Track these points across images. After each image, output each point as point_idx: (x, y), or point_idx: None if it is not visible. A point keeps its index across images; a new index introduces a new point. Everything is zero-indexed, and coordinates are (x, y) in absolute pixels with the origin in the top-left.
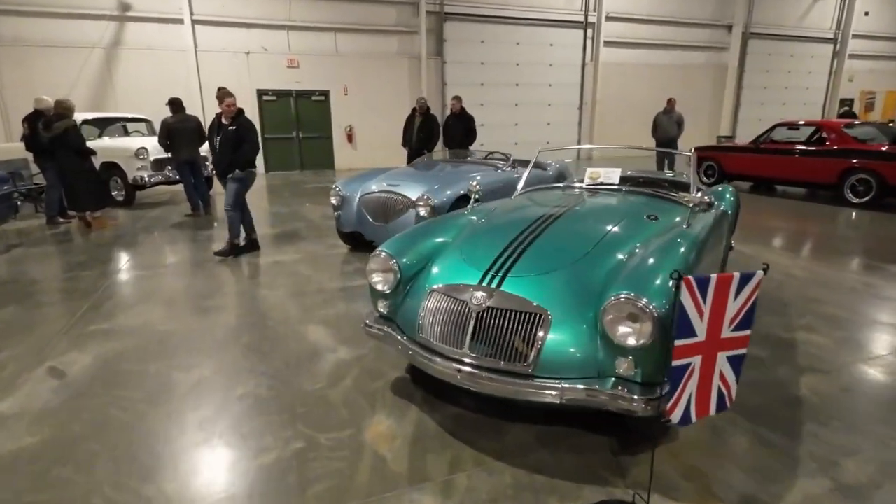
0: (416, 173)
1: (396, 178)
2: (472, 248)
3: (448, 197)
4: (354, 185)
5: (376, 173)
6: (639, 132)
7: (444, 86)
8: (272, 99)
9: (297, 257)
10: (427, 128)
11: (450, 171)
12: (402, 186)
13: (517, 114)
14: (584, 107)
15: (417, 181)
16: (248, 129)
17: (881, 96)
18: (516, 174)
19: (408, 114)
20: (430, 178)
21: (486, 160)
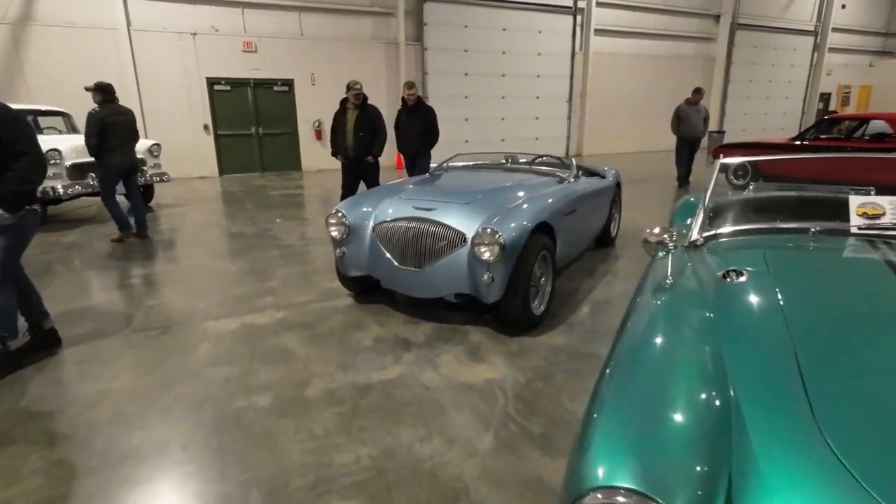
0: (449, 189)
1: (423, 196)
2: None
3: (523, 229)
4: (364, 208)
5: (389, 190)
6: (630, 127)
7: (424, 75)
8: (225, 89)
9: (278, 317)
10: (366, 126)
11: (496, 184)
12: (441, 211)
13: (504, 107)
14: (573, 100)
15: (460, 202)
16: None
17: (855, 91)
18: (584, 187)
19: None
20: (479, 197)
21: (534, 167)
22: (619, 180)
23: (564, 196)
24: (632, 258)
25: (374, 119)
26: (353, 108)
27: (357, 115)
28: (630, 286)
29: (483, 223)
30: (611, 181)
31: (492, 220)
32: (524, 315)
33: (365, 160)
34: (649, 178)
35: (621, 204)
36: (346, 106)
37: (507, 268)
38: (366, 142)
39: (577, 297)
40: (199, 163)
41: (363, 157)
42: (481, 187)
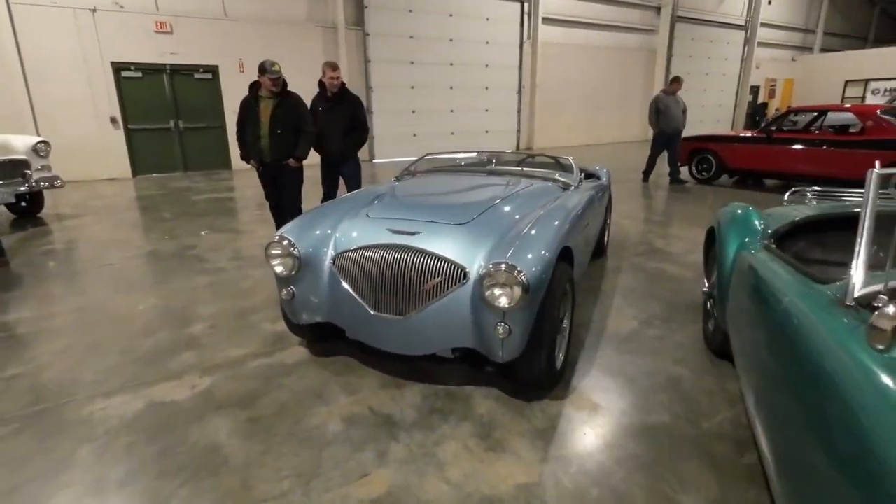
0: (432, 203)
1: (399, 213)
2: None
3: (546, 262)
4: (320, 231)
5: (349, 204)
6: (579, 120)
7: (367, 63)
8: (136, 76)
9: (202, 387)
10: (288, 120)
11: (491, 196)
12: (428, 236)
13: (453, 98)
14: (523, 91)
15: (451, 223)
16: None
17: (780, 84)
18: (589, 193)
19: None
20: (476, 216)
21: (527, 169)
22: (611, 179)
23: (576, 208)
24: (631, 271)
25: (298, 111)
26: (268, 98)
27: (275, 105)
28: (644, 311)
29: (492, 254)
30: (606, 182)
31: (505, 250)
32: (549, 374)
33: (285, 164)
34: (622, 172)
35: (612, 204)
36: (258, 94)
37: (530, 315)
38: (288, 141)
39: (592, 332)
40: (107, 162)
41: (284, 160)
42: (474, 200)
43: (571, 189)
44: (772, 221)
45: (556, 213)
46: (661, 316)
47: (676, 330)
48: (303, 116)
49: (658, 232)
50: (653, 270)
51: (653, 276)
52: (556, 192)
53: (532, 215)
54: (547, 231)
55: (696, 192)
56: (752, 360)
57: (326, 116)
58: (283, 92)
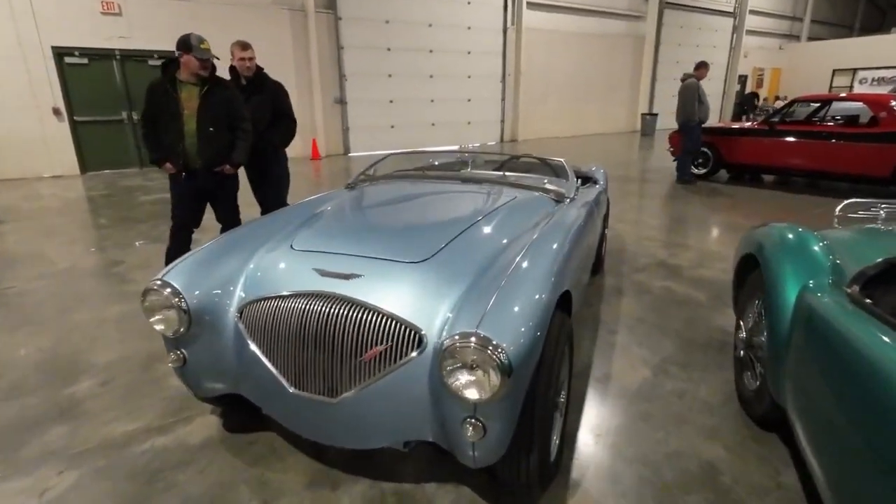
0: (381, 227)
1: (333, 242)
2: None
3: (537, 324)
4: (221, 270)
5: (267, 227)
6: (564, 110)
7: (340, 49)
8: (81, 62)
9: (61, 488)
10: (222, 113)
11: (463, 215)
12: (370, 281)
13: (432, 87)
14: (507, 79)
15: (405, 259)
16: None
17: (768, 73)
18: (586, 205)
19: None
20: (441, 246)
21: (509, 174)
22: (608, 183)
23: (575, 230)
24: (634, 292)
25: (234, 104)
26: (192, 84)
27: (202, 95)
28: (656, 351)
29: (459, 312)
30: (603, 185)
31: (476, 307)
32: (541, 472)
33: (219, 171)
34: (609, 167)
35: (609, 211)
36: (175, 78)
37: (514, 405)
38: (222, 142)
39: (594, 384)
40: (51, 158)
41: (217, 166)
42: (440, 223)
43: (566, 202)
44: (840, 252)
45: (549, 241)
46: (677, 359)
47: (699, 381)
48: (239, 111)
49: (659, 240)
50: (659, 291)
51: (660, 300)
52: (548, 206)
53: (517, 246)
54: (538, 272)
55: (694, 189)
56: (843, 464)
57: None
58: (212, 78)
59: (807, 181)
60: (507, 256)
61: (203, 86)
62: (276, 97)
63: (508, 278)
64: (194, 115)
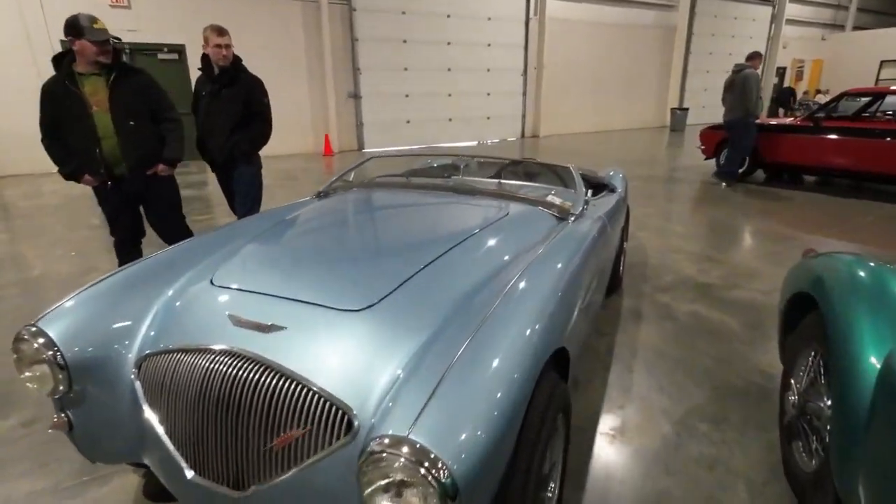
0: (330, 258)
1: (264, 275)
2: None
3: (506, 420)
4: (119, 310)
5: (190, 252)
6: (587, 105)
7: (354, 42)
8: None
9: None
10: (140, 103)
11: (434, 241)
12: (296, 334)
13: (450, 81)
14: (528, 72)
15: (344, 304)
16: None
17: (808, 65)
18: (597, 221)
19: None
20: (394, 286)
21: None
22: (628, 190)
23: (575, 257)
24: (655, 317)
25: (152, 91)
26: (94, 74)
27: (111, 85)
28: (680, 399)
29: (395, 400)
30: (622, 193)
31: (418, 398)
32: None
33: (152, 173)
34: (633, 165)
35: (629, 222)
36: (73, 72)
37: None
38: (148, 137)
39: (600, 442)
40: None
41: (149, 167)
42: (400, 250)
43: (571, 220)
44: None
45: (541, 278)
46: (706, 412)
47: (734, 445)
48: (162, 98)
49: (687, 251)
50: (685, 317)
51: (687, 329)
52: (547, 226)
53: (496, 287)
54: (517, 329)
55: (728, 191)
56: None
57: (211, 104)
58: (119, 65)
59: (850, 183)
60: (477, 305)
61: (109, 74)
62: (251, 94)
63: (474, 341)
64: (106, 110)
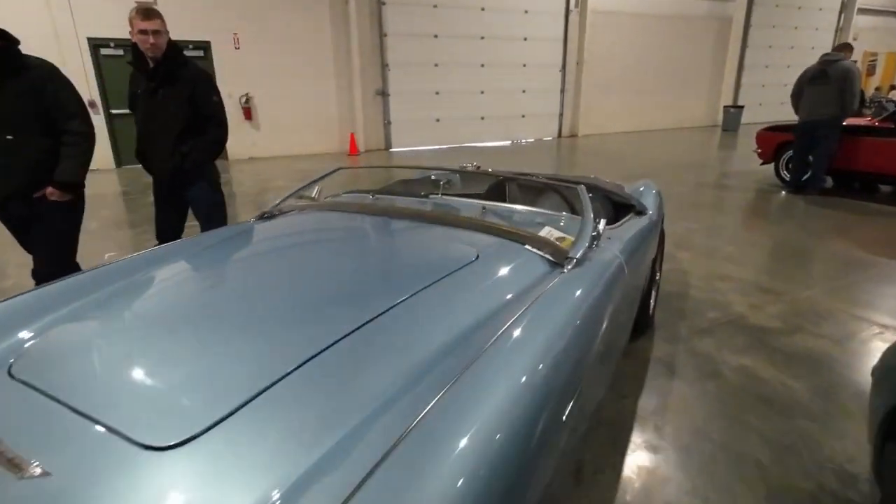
0: (184, 342)
1: (70, 368)
2: None
3: None
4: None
5: (59, 296)
6: (631, 103)
7: (383, 37)
8: (117, 54)
9: None
10: (27, 107)
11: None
12: (68, 485)
13: (484, 78)
14: (567, 68)
15: (148, 438)
16: None
17: (882, 59)
18: (609, 266)
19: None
20: (237, 412)
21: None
22: (663, 210)
23: (569, 327)
24: (693, 374)
25: (48, 88)
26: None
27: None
28: None
29: None
30: (653, 215)
31: None
32: None
33: (39, 197)
34: (678, 169)
35: (663, 251)
36: None
37: None
38: (31, 154)
39: None
40: None
41: (36, 190)
42: (310, 312)
43: (568, 268)
44: None
45: (511, 366)
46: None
47: None
48: (63, 102)
49: (737, 279)
50: (733, 375)
51: (734, 394)
52: (534, 274)
53: (440, 376)
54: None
55: (789, 202)
56: None
57: (148, 105)
58: (7, 55)
59: None
60: (404, 409)
61: None
62: (198, 91)
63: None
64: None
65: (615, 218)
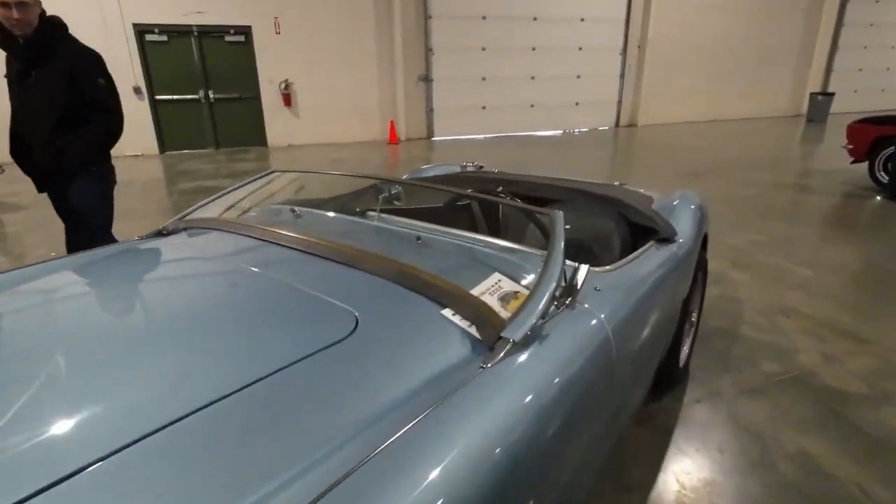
0: None
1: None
2: None
3: None
4: None
5: None
6: (701, 89)
7: (427, 19)
8: (161, 40)
9: None
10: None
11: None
12: None
13: (534, 63)
14: (629, 51)
15: None
16: None
17: None
18: (606, 350)
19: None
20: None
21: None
22: (706, 229)
23: (501, 452)
24: (739, 463)
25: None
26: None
27: None
28: None
29: None
30: (686, 242)
31: None
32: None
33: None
34: (749, 167)
35: (705, 284)
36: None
37: None
38: None
39: None
40: (132, 137)
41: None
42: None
43: (493, 361)
44: None
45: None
46: None
47: None
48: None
49: (807, 314)
50: (791, 470)
51: (794, 496)
52: (451, 359)
53: None
54: None
55: (887, 211)
56: None
57: (21, 91)
58: None
59: None
60: None
61: None
62: (78, 72)
63: None
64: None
65: (631, 247)
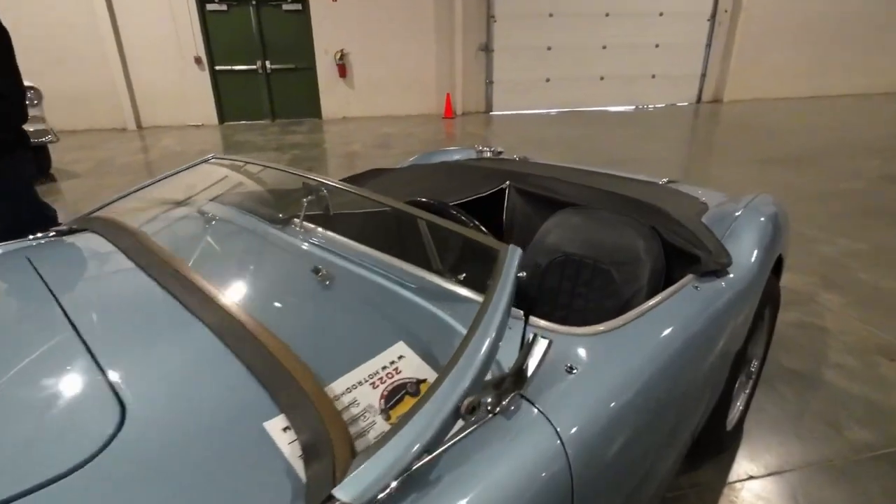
0: None
1: None
2: None
3: None
4: None
5: None
6: (803, 61)
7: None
8: (221, 10)
9: None
10: None
11: None
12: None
13: (606, 30)
14: (717, 17)
15: None
16: None
17: None
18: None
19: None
20: None
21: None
22: (780, 250)
23: None
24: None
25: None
26: None
27: None
28: None
29: None
30: (749, 274)
31: None
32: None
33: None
34: (854, 154)
35: (775, 320)
36: None
37: None
38: None
39: None
40: (193, 107)
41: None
42: None
43: None
44: None
45: None
46: None
47: None
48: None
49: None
50: None
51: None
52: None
53: None
54: None
55: None
56: None
57: None
58: None
59: None
60: None
61: None
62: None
63: None
64: None
65: (662, 280)
